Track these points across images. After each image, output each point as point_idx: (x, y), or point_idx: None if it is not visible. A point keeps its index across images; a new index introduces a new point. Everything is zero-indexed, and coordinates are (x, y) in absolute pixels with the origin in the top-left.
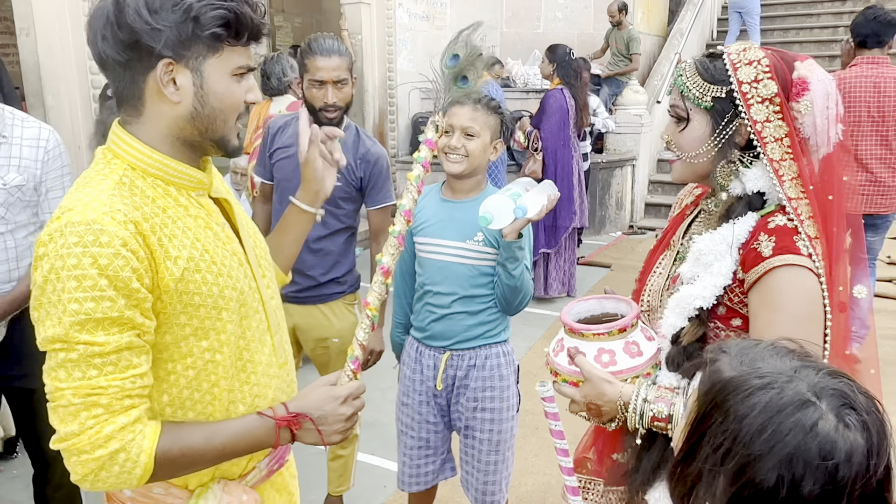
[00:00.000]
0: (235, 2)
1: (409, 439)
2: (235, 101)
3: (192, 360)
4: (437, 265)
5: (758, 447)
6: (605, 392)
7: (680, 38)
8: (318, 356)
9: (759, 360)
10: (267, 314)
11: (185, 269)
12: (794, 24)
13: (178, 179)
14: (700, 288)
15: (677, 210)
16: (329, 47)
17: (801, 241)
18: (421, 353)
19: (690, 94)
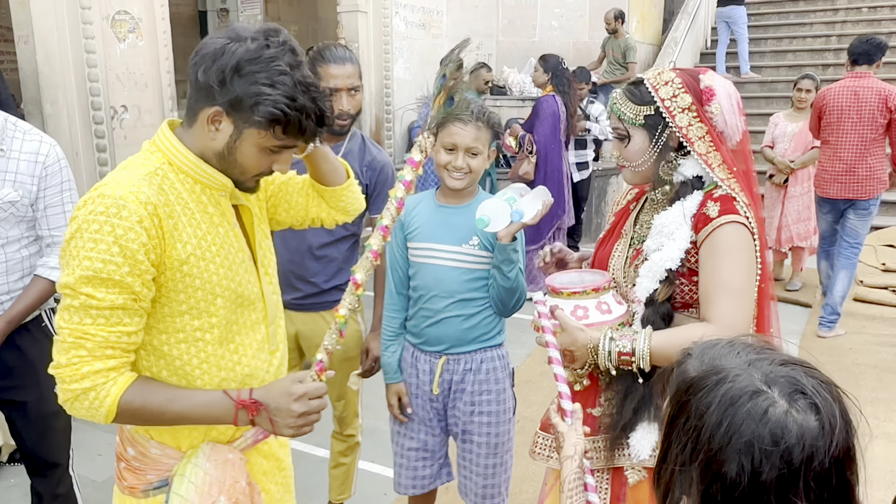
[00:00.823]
0: (297, 110)
1: (407, 441)
2: (258, 167)
3: (183, 335)
4: (432, 270)
5: (718, 441)
6: (578, 338)
7: (674, 47)
8: None
9: (718, 358)
10: (266, 306)
11: (192, 254)
12: (787, 33)
13: (204, 179)
14: (667, 252)
15: (618, 208)
16: (342, 55)
17: (739, 206)
18: (417, 358)
19: (626, 117)
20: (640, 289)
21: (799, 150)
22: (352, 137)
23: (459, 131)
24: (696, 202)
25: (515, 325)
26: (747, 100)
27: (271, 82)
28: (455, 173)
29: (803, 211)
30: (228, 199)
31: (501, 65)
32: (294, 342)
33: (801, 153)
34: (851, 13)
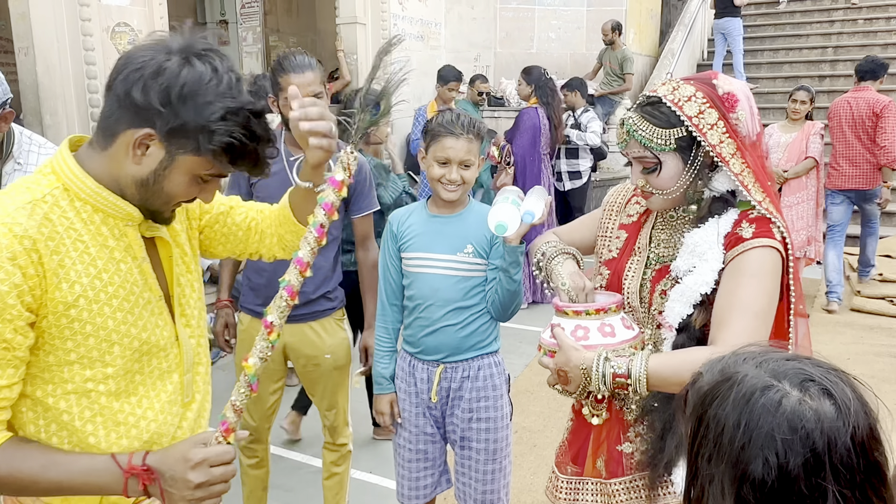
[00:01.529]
0: (254, 141)
1: (407, 452)
2: (185, 196)
3: (72, 386)
4: (427, 279)
5: (739, 441)
6: (571, 358)
7: (671, 59)
8: (308, 373)
9: (728, 367)
10: (181, 354)
11: (81, 295)
12: (783, 44)
13: (105, 208)
14: (700, 275)
15: (624, 218)
16: (301, 63)
17: (776, 229)
18: (414, 367)
19: (654, 144)
20: (671, 314)
21: (792, 161)
22: None
23: (452, 145)
24: (731, 220)
25: (513, 335)
26: None
27: (225, 110)
28: (449, 186)
29: (797, 221)
30: (137, 231)
31: (499, 76)
32: (281, 355)
33: (795, 163)
34: (847, 24)
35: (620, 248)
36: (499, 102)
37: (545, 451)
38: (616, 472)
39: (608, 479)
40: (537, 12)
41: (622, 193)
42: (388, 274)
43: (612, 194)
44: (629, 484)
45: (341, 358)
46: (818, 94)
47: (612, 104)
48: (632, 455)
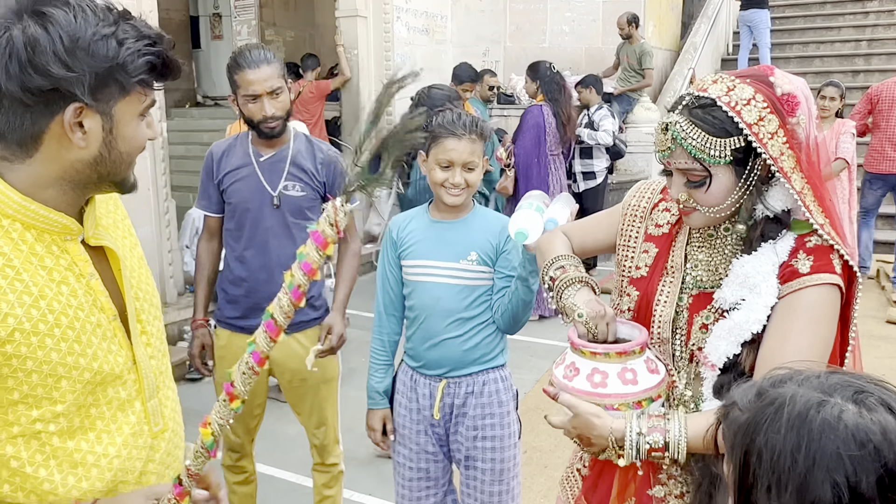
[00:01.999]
0: (161, 46)
1: (408, 471)
2: (142, 142)
3: (18, 428)
4: (428, 288)
5: (802, 464)
6: (595, 426)
7: (693, 53)
8: (294, 389)
9: (765, 392)
10: (140, 379)
11: (17, 329)
12: (814, 37)
13: (38, 224)
14: (751, 311)
15: (653, 228)
16: (256, 58)
17: (836, 260)
18: (416, 382)
19: (706, 155)
20: (715, 353)
21: None
22: (296, 138)
23: (455, 147)
24: (787, 248)
25: (523, 349)
26: None
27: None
28: (453, 190)
29: None
30: (79, 245)
31: (509, 72)
32: (265, 370)
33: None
34: (883, 16)
35: (650, 266)
36: (509, 100)
37: (557, 472)
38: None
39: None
40: (550, 4)
41: (646, 196)
42: (386, 283)
43: (635, 196)
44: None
45: (330, 370)
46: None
47: (631, 102)
48: (663, 499)
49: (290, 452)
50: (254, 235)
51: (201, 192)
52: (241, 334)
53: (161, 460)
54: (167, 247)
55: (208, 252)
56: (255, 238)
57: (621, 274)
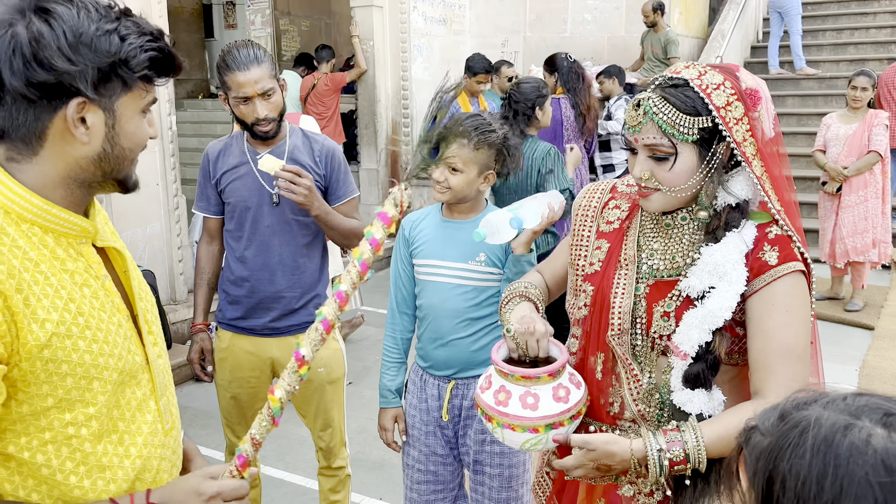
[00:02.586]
0: (161, 41)
1: (417, 473)
2: (144, 139)
3: (50, 434)
4: (437, 288)
5: (828, 491)
6: (615, 453)
7: (721, 40)
8: (300, 391)
9: (788, 415)
10: (153, 377)
11: (54, 333)
12: (848, 23)
13: (58, 227)
14: (723, 299)
15: (603, 225)
16: (245, 59)
17: (796, 247)
18: (425, 382)
19: (675, 130)
20: (686, 342)
21: (853, 155)
22: (292, 133)
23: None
24: (752, 236)
25: None
26: (803, 98)
27: (118, 31)
28: (437, 185)
29: (860, 222)
30: (90, 247)
31: (529, 63)
32: (269, 371)
33: (856, 158)
34: None
35: (603, 261)
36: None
37: None
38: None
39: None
40: None
41: (596, 196)
42: (399, 280)
43: (584, 197)
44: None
45: (335, 371)
46: None
47: None
48: (633, 498)
49: (299, 455)
50: (254, 235)
51: (199, 193)
52: (243, 335)
53: (170, 458)
54: (177, 243)
55: (208, 255)
56: (256, 237)
57: (575, 273)
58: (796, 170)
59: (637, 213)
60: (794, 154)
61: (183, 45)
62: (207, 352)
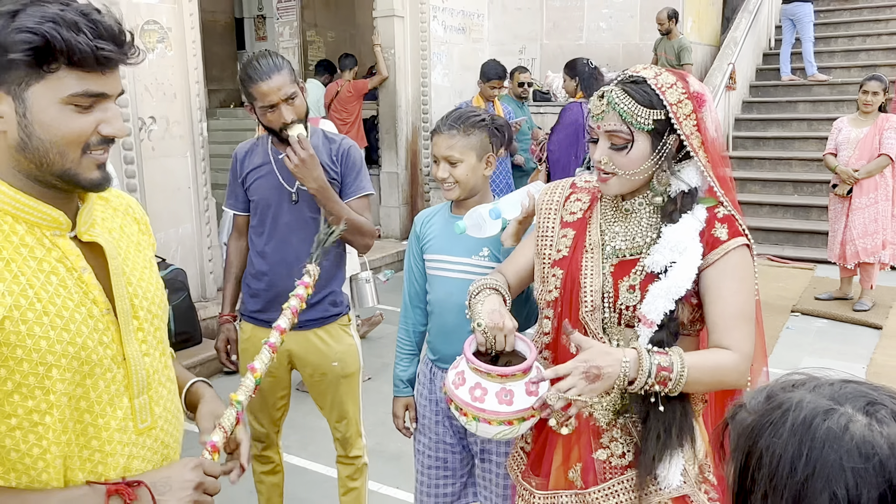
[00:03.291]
0: (51, 24)
1: (426, 459)
2: (70, 132)
3: (16, 420)
4: (443, 282)
5: (801, 473)
6: (610, 353)
7: (734, 48)
8: (316, 384)
9: (775, 395)
10: (129, 373)
11: (7, 317)
12: (860, 30)
13: (28, 216)
14: (684, 271)
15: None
16: (266, 68)
17: (741, 226)
18: (434, 374)
19: (633, 120)
20: (652, 311)
21: (864, 158)
22: (313, 134)
23: (435, 141)
24: (703, 217)
25: None
26: (815, 103)
27: (16, 9)
28: (444, 184)
29: (870, 224)
30: (68, 240)
31: (546, 69)
32: (287, 363)
33: (867, 161)
34: None
35: (570, 247)
36: (545, 97)
37: None
38: (593, 480)
39: (585, 490)
40: (587, 1)
41: (557, 192)
42: (411, 275)
43: (546, 194)
44: (608, 490)
45: (350, 365)
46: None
47: None
48: (606, 461)
49: (320, 445)
50: (274, 231)
51: (229, 191)
52: (263, 327)
53: (148, 457)
54: (207, 243)
55: (237, 250)
56: (275, 233)
57: (542, 262)
58: (807, 173)
59: (597, 204)
60: (805, 158)
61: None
62: (233, 342)
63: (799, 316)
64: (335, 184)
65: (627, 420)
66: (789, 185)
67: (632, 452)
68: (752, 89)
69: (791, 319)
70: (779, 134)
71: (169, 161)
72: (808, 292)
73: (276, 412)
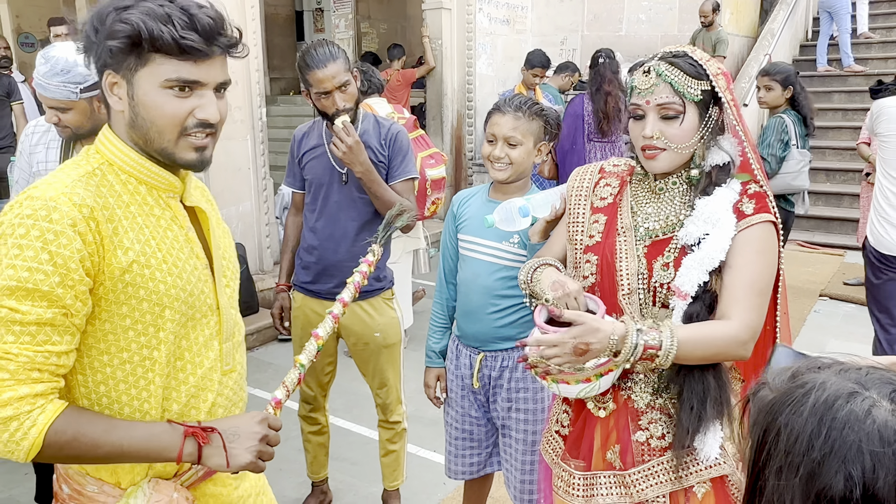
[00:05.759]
0: (146, 17)
1: (454, 430)
2: (166, 113)
3: (128, 354)
4: (472, 263)
5: (818, 451)
6: (600, 329)
7: (771, 39)
8: (359, 352)
9: (800, 375)
10: (221, 321)
11: (134, 261)
12: None
13: (149, 179)
14: (717, 242)
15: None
16: (322, 57)
17: (771, 204)
18: (459, 351)
19: (685, 90)
20: (687, 283)
21: None
22: (364, 119)
23: (497, 121)
24: (738, 190)
25: None
26: (850, 94)
27: (128, 4)
28: (496, 164)
29: None
30: (178, 202)
31: (586, 60)
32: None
33: None
34: None
35: (603, 232)
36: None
37: None
38: (632, 462)
39: (625, 471)
40: None
41: (586, 177)
42: (446, 252)
43: (576, 179)
44: (648, 472)
45: (391, 336)
46: None
47: None
48: (645, 443)
49: (363, 409)
50: (325, 208)
51: (288, 170)
52: (312, 298)
53: (228, 397)
54: (265, 220)
55: (294, 225)
56: (326, 211)
57: (574, 248)
58: (841, 162)
59: (626, 188)
60: (840, 147)
61: (277, 47)
62: (286, 309)
63: (827, 300)
64: (382, 166)
65: (666, 401)
66: (822, 173)
67: (671, 434)
68: None
69: (819, 303)
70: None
71: (230, 144)
72: (836, 277)
73: (323, 377)
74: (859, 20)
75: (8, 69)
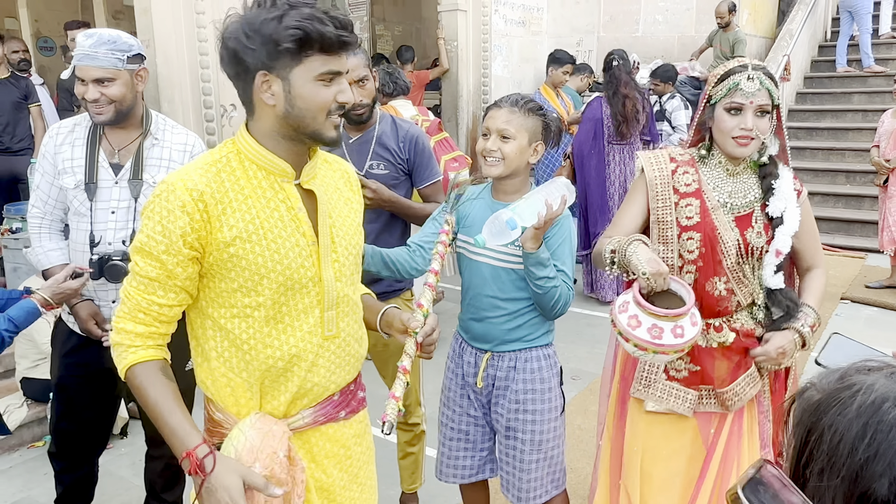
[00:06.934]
0: (308, 21)
1: (449, 430)
2: (321, 101)
3: (236, 310)
4: (477, 266)
5: (862, 453)
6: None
7: (789, 40)
8: (378, 353)
9: (848, 376)
10: (322, 291)
11: (237, 236)
12: None
13: (266, 166)
14: (795, 213)
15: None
16: None
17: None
18: (463, 349)
19: (776, 96)
20: (784, 244)
21: None
22: (381, 120)
23: (493, 115)
24: (792, 174)
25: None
26: (870, 94)
27: (281, 13)
28: (489, 158)
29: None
30: (293, 186)
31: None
32: None
33: None
34: None
35: (699, 212)
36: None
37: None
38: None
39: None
40: None
41: (660, 165)
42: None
43: (652, 168)
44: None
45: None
46: None
47: None
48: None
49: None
50: None
51: None
52: None
53: (331, 359)
54: None
55: None
56: None
57: (666, 227)
58: (861, 164)
59: (700, 174)
60: (859, 149)
61: None
62: None
63: (848, 304)
64: (401, 167)
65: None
66: (841, 175)
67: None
68: (806, 80)
69: (840, 306)
70: (832, 125)
71: None
72: (857, 280)
73: None
74: (882, 20)
75: (27, 72)
